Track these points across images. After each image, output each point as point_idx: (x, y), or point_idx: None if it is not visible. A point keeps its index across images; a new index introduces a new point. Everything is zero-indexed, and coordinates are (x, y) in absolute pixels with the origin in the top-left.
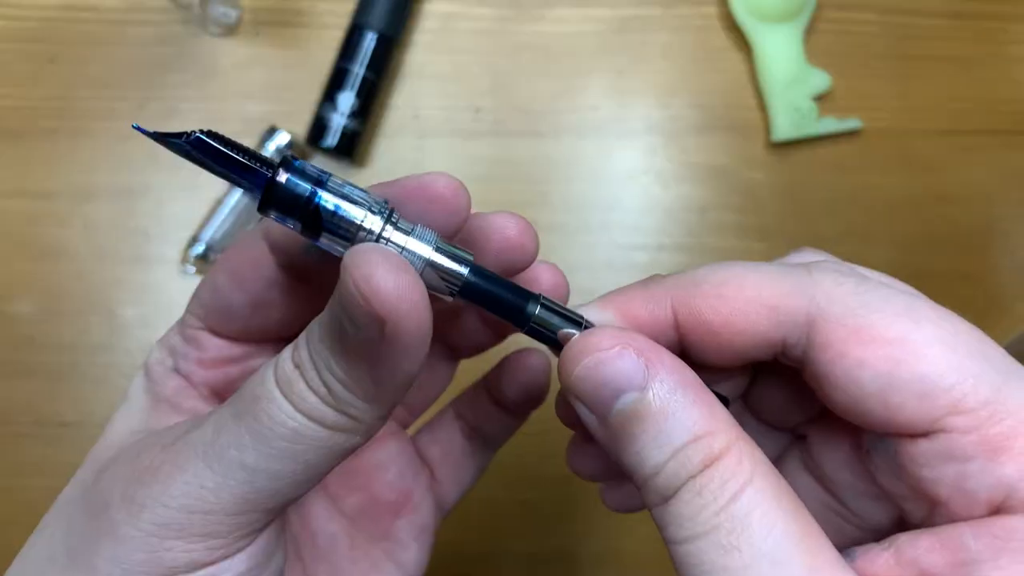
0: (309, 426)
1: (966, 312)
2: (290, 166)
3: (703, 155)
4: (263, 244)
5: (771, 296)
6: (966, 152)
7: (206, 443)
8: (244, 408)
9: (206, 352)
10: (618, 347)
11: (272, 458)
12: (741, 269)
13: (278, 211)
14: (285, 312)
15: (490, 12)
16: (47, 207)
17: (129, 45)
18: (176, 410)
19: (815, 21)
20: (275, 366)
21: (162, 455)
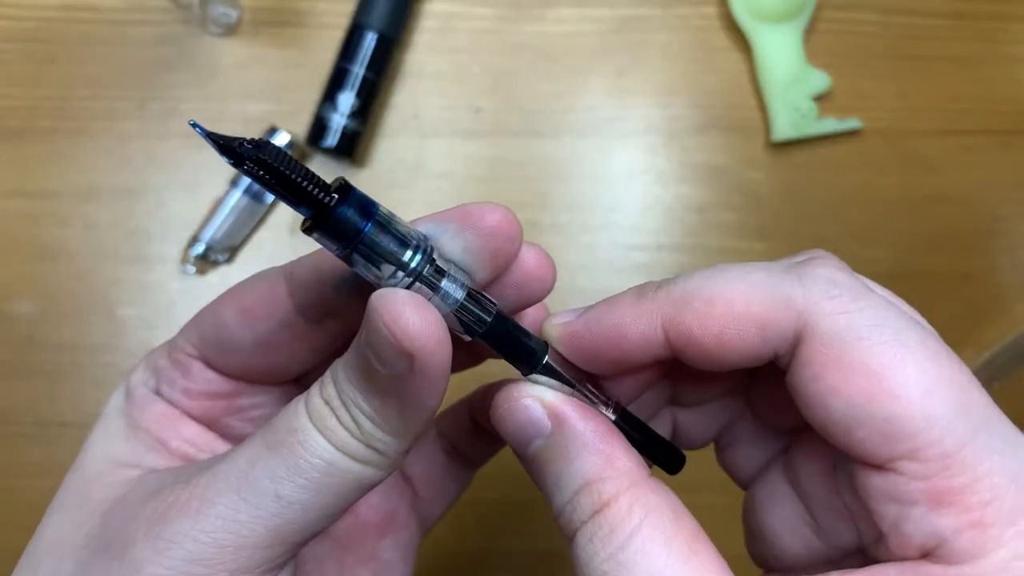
0: (341, 459)
1: (966, 312)
2: (346, 193)
3: (703, 155)
4: (282, 284)
5: (760, 312)
6: (966, 152)
7: (239, 475)
8: (279, 440)
9: (195, 383)
10: (527, 399)
11: (306, 490)
12: (730, 281)
13: (324, 233)
14: (290, 355)
15: (490, 12)
16: (47, 207)
17: (129, 45)
18: (162, 444)
19: (815, 21)
20: (306, 401)
21: (188, 490)
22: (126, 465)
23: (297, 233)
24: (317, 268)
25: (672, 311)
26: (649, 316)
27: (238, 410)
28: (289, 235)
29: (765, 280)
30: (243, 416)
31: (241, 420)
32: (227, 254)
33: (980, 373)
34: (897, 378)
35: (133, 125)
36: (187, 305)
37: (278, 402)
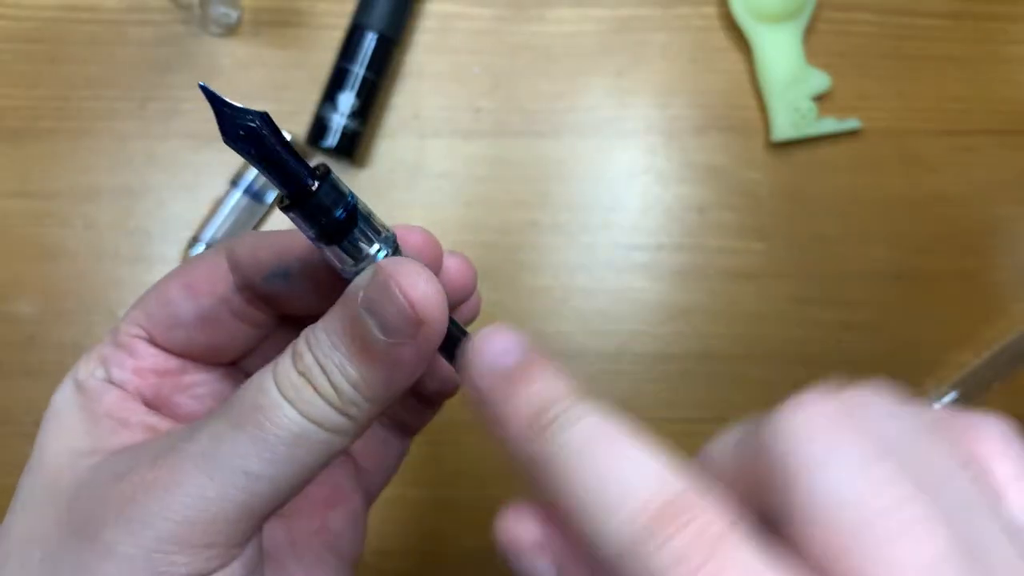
0: (311, 429)
1: (966, 312)
2: (327, 178)
3: (703, 155)
4: (224, 262)
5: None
6: (966, 152)
7: (204, 454)
8: (244, 417)
9: (142, 360)
10: (536, 547)
11: (274, 464)
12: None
13: (301, 215)
14: (231, 332)
15: (490, 12)
16: (47, 207)
17: (129, 45)
18: (123, 424)
19: (815, 21)
20: (275, 376)
21: (154, 472)
22: (88, 454)
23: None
24: (253, 251)
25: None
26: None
27: (185, 387)
28: None
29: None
30: (190, 393)
31: (188, 397)
32: None
33: (980, 373)
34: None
35: (133, 125)
36: None
37: (221, 381)
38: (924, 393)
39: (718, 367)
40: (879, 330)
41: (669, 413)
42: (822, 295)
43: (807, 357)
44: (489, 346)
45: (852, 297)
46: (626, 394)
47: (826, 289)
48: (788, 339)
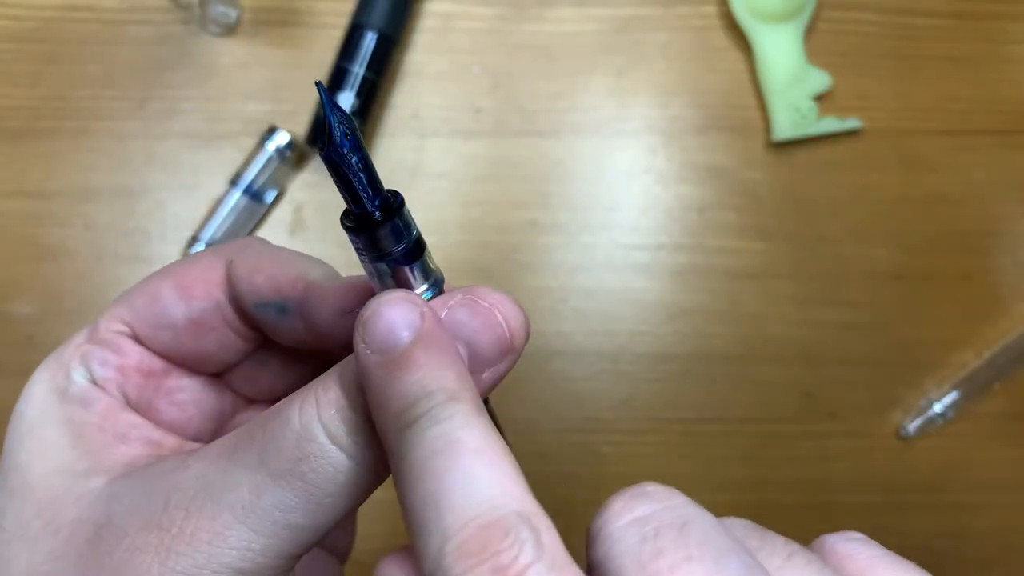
0: (362, 475)
1: (966, 312)
2: (400, 210)
3: (703, 155)
4: (221, 267)
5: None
6: (966, 152)
7: (244, 507)
8: (286, 468)
9: (127, 357)
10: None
11: (319, 515)
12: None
13: (361, 238)
14: (219, 341)
15: (490, 12)
16: (47, 207)
17: (129, 45)
18: (120, 439)
19: (815, 21)
20: (320, 417)
21: (192, 521)
22: (84, 475)
23: (296, 234)
24: (251, 273)
25: None
26: None
27: (167, 392)
28: (289, 235)
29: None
30: (172, 399)
31: (170, 403)
32: None
33: (981, 373)
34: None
35: (133, 125)
36: None
37: (204, 389)
38: (924, 393)
39: (718, 367)
40: (879, 330)
41: (669, 413)
42: (822, 295)
43: (807, 357)
44: (388, 315)
45: (852, 297)
46: (626, 394)
47: (826, 289)
48: (788, 339)
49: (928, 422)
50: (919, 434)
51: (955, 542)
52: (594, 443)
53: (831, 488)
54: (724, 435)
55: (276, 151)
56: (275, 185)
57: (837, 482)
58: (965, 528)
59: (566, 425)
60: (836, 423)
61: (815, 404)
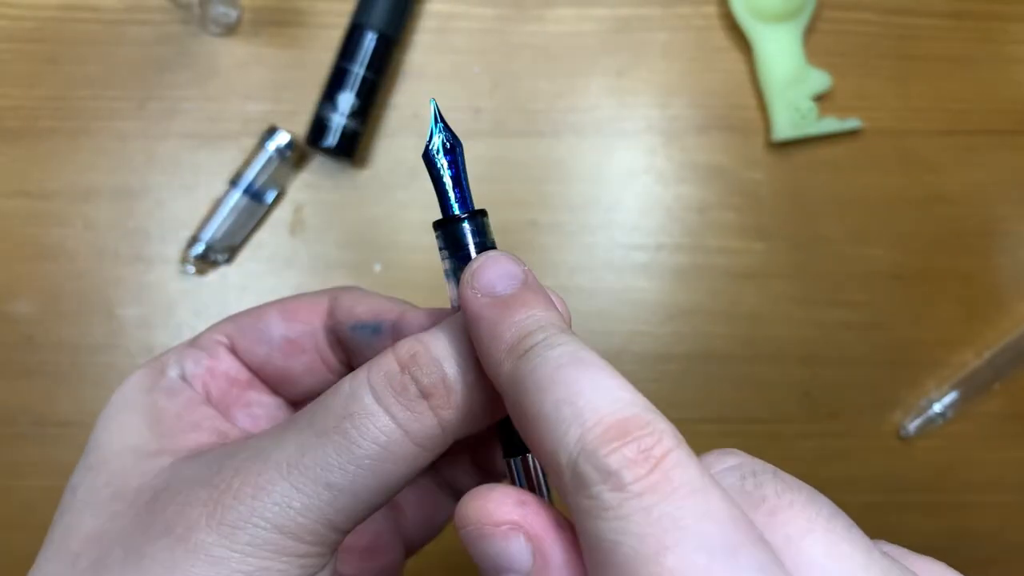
0: (400, 440)
1: (966, 312)
2: (480, 217)
3: (703, 155)
4: (326, 301)
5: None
6: (966, 152)
7: (289, 463)
8: (330, 426)
9: (219, 362)
10: (508, 528)
11: (357, 477)
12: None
13: (441, 234)
14: (307, 366)
15: (490, 12)
16: (47, 207)
17: (129, 45)
18: (194, 427)
19: (815, 21)
20: (370, 378)
21: (241, 477)
22: (154, 454)
23: (296, 234)
24: (354, 302)
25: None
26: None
27: (247, 403)
28: (289, 235)
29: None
30: (249, 411)
31: (246, 414)
32: (227, 254)
33: (981, 373)
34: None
35: (133, 125)
36: (187, 305)
37: (280, 409)
38: (924, 393)
39: (718, 367)
40: (879, 330)
41: (669, 413)
42: (822, 295)
43: (807, 357)
44: (493, 269)
45: (852, 297)
46: None
47: (826, 289)
48: (788, 339)
49: (928, 422)
50: (919, 434)
51: (955, 541)
52: None
53: (831, 488)
54: (724, 435)
55: (276, 151)
56: (275, 185)
57: (837, 482)
58: (965, 528)
59: None
60: (836, 423)
61: (815, 404)
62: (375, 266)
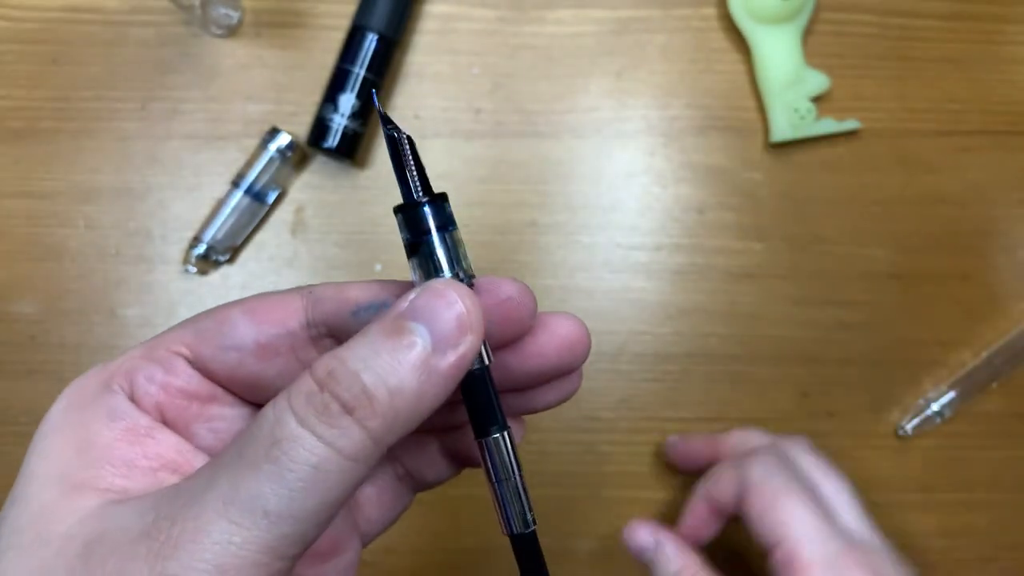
0: (331, 458)
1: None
2: (439, 201)
3: (702, 156)
4: (297, 299)
5: (724, 506)
6: (964, 153)
7: (225, 500)
8: (259, 454)
9: (176, 377)
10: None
11: (293, 501)
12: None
13: (404, 218)
14: (282, 369)
15: (490, 13)
16: (49, 207)
17: (131, 46)
18: (128, 467)
19: (814, 22)
20: (290, 401)
21: (180, 524)
22: (81, 488)
23: (297, 234)
24: (340, 289)
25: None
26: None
27: (207, 418)
28: (290, 235)
29: (728, 476)
30: (210, 426)
31: (207, 430)
32: (228, 254)
33: (979, 373)
34: (791, 512)
35: (135, 126)
36: (189, 305)
37: (244, 420)
38: (922, 392)
39: (718, 367)
40: (878, 330)
41: (669, 413)
42: (821, 295)
43: (806, 357)
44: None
45: (851, 297)
46: (626, 394)
47: (825, 289)
48: (787, 339)
49: (926, 421)
50: (917, 433)
51: (952, 541)
52: (594, 442)
53: None
54: None
55: (277, 152)
56: (276, 186)
57: None
58: (963, 527)
59: (566, 424)
60: (834, 422)
61: (813, 403)
62: (376, 266)
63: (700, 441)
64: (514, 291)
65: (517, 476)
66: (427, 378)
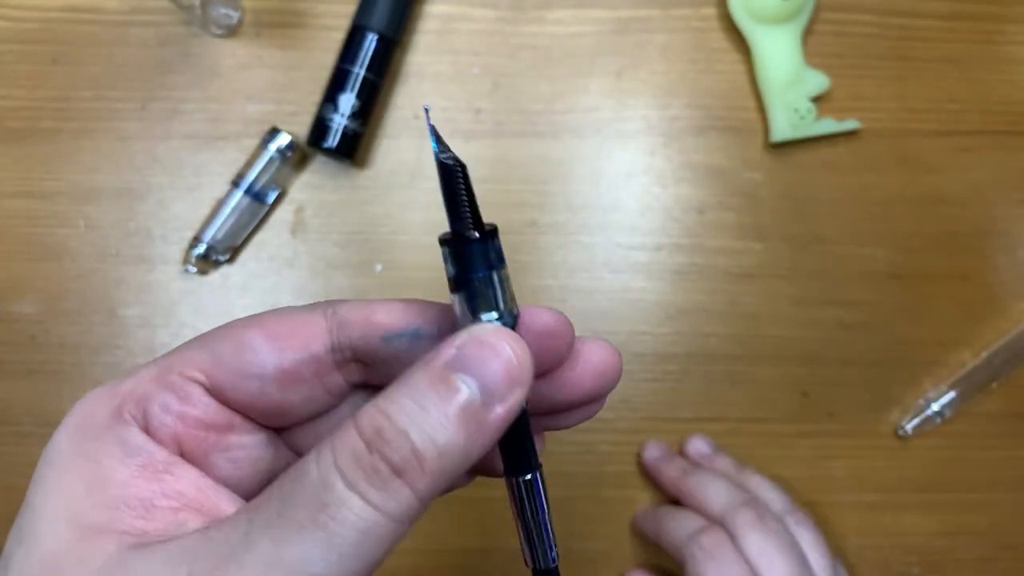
0: (380, 521)
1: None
2: (493, 236)
3: (702, 156)
4: (320, 320)
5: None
6: (964, 153)
7: (268, 564)
8: (306, 517)
9: (193, 408)
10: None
11: (341, 564)
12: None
13: (452, 252)
14: (307, 395)
15: (490, 14)
16: (49, 207)
17: (131, 46)
18: (146, 509)
19: (814, 22)
20: (336, 463)
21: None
22: (95, 532)
23: (297, 234)
24: (367, 312)
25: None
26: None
27: (226, 447)
28: (290, 235)
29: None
30: (229, 456)
31: (226, 460)
32: (228, 254)
33: (978, 373)
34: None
35: (135, 126)
36: (189, 305)
37: (263, 447)
38: (922, 392)
39: (718, 367)
40: (878, 330)
41: (669, 413)
42: (821, 295)
43: (806, 357)
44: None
45: (851, 297)
46: (626, 394)
47: (825, 289)
48: (787, 339)
49: (926, 421)
50: (917, 433)
51: (953, 541)
52: (593, 442)
53: (829, 487)
54: (722, 435)
55: (278, 152)
56: (276, 186)
57: (835, 481)
58: (963, 527)
59: None
60: (834, 423)
61: (813, 404)
62: (376, 266)
63: (671, 470)
64: (553, 322)
65: (546, 514)
66: (475, 432)
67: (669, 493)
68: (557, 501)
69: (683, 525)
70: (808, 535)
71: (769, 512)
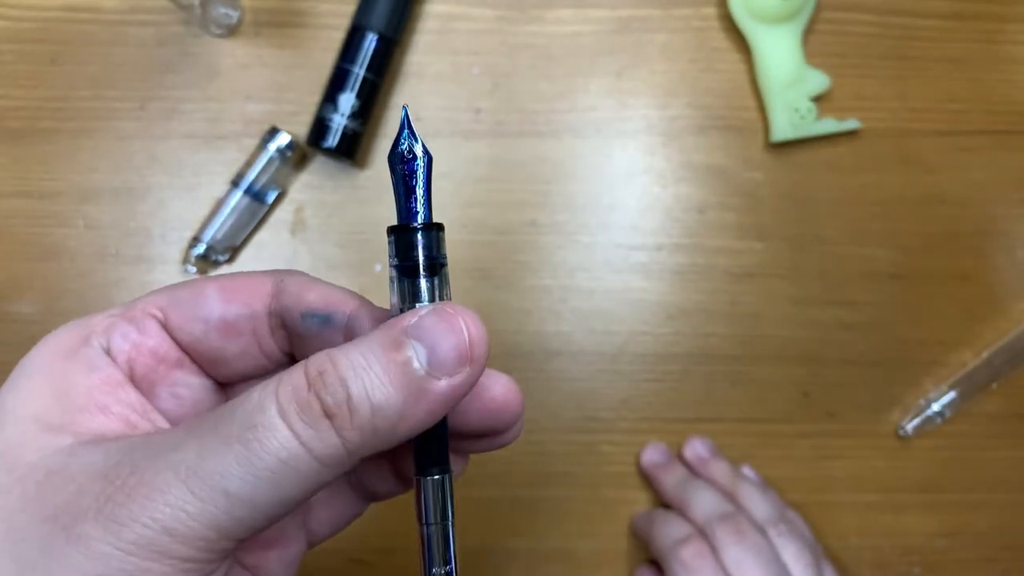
0: (302, 455)
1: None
2: (436, 230)
3: (702, 155)
4: (269, 283)
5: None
6: (964, 152)
7: (188, 467)
8: (233, 434)
9: (148, 337)
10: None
11: (256, 487)
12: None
13: (396, 240)
14: (243, 350)
15: (490, 13)
16: (48, 207)
17: (130, 46)
18: (102, 410)
19: (814, 22)
20: (277, 392)
21: (137, 475)
22: (55, 430)
23: (297, 234)
24: (304, 288)
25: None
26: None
27: (172, 383)
28: (290, 235)
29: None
30: (173, 391)
31: (170, 394)
32: (228, 254)
33: (979, 373)
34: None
35: (134, 125)
36: None
37: (206, 393)
38: (923, 393)
39: (718, 367)
40: (878, 330)
41: (668, 413)
42: (821, 295)
43: (806, 357)
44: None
45: (851, 297)
46: (626, 394)
47: (825, 289)
48: (787, 339)
49: (926, 421)
50: (917, 434)
51: (953, 541)
52: (594, 443)
53: (829, 487)
54: (723, 435)
55: (277, 151)
56: (276, 185)
57: (835, 481)
58: (963, 527)
59: (566, 425)
60: (834, 423)
61: (814, 404)
62: (376, 266)
63: (666, 476)
64: (502, 396)
65: (449, 521)
66: (414, 401)
67: (663, 498)
68: (557, 501)
69: (668, 532)
70: (792, 546)
71: (752, 525)
